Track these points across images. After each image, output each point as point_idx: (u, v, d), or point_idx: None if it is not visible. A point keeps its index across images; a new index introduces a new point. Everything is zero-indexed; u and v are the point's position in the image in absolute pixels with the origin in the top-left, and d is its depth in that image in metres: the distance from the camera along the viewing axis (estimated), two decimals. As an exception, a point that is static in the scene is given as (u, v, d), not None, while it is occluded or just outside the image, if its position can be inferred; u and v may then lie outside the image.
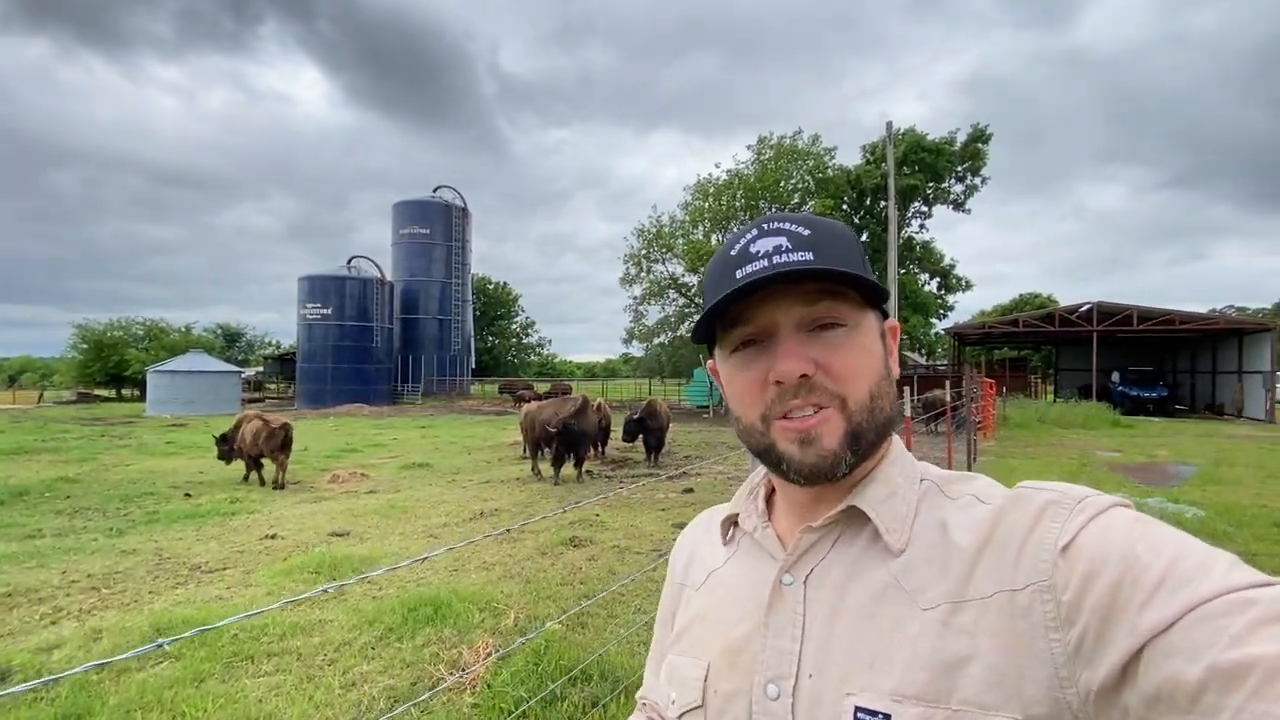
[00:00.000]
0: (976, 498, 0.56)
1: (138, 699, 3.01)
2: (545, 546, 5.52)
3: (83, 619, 4.15)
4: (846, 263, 0.56)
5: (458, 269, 39.91)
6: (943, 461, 7.66)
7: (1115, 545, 0.45)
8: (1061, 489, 0.52)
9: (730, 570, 0.66)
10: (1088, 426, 17.49)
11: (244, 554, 5.67)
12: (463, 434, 17.47)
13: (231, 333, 57.98)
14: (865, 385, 0.56)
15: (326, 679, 3.20)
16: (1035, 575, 0.47)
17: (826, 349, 0.56)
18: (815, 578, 0.57)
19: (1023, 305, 49.58)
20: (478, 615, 3.92)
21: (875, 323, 0.60)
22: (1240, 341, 23.02)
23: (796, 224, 0.58)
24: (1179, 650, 0.38)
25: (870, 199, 27.70)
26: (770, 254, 0.56)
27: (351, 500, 8.14)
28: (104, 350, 42.37)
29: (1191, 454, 11.97)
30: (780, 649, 0.56)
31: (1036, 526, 0.49)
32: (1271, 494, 7.78)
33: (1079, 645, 0.43)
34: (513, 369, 55.77)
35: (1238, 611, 0.38)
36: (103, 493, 8.84)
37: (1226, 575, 0.40)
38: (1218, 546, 0.41)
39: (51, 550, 5.88)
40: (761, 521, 0.65)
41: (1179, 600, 0.40)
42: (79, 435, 17.41)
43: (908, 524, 0.55)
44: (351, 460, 12.15)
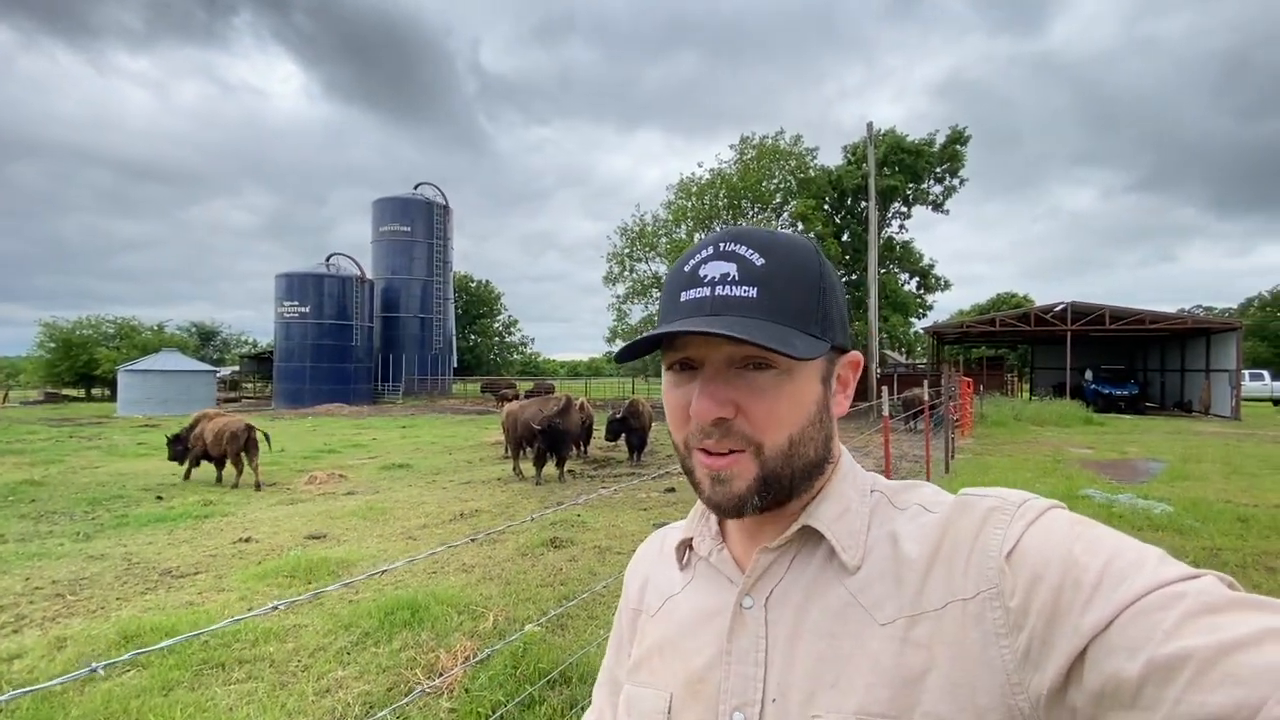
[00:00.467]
0: (923, 507, 0.56)
1: (102, 709, 2.93)
2: (526, 548, 5.49)
3: (46, 627, 4.03)
4: (794, 305, 0.54)
5: (439, 267, 39.53)
6: (921, 460, 7.76)
7: (1055, 549, 0.45)
8: (1001, 494, 0.53)
9: (687, 596, 0.65)
10: (1062, 424, 17.84)
11: (216, 558, 5.55)
12: (444, 434, 17.31)
13: (206, 331, 56.80)
14: (785, 433, 0.55)
15: (300, 686, 3.14)
16: (983, 583, 0.48)
17: (750, 393, 0.54)
18: (775, 599, 0.57)
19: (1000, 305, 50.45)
20: (456, 618, 3.88)
21: (818, 366, 0.57)
22: (1208, 340, 23.66)
23: (754, 250, 0.56)
24: (1118, 648, 0.39)
25: (851, 199, 27.96)
26: (715, 282, 0.55)
27: (329, 502, 8.01)
28: (73, 349, 41.26)
29: (1161, 451, 12.26)
30: (744, 675, 0.55)
31: (981, 534, 0.50)
32: (1236, 489, 8.00)
33: (1027, 650, 0.44)
34: (495, 368, 55.41)
35: (1169, 606, 0.39)
36: (70, 496, 8.61)
37: (1156, 570, 0.41)
38: (1185, 541, 0.42)
39: (15, 556, 5.70)
40: (716, 544, 0.64)
41: (1116, 599, 0.41)
42: (46, 436, 16.94)
43: (861, 540, 0.55)
44: (329, 461, 11.97)
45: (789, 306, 0.54)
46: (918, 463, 10.11)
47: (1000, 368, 32.84)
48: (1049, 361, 30.37)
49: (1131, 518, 6.26)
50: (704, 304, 0.54)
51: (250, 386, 43.12)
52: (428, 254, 39.05)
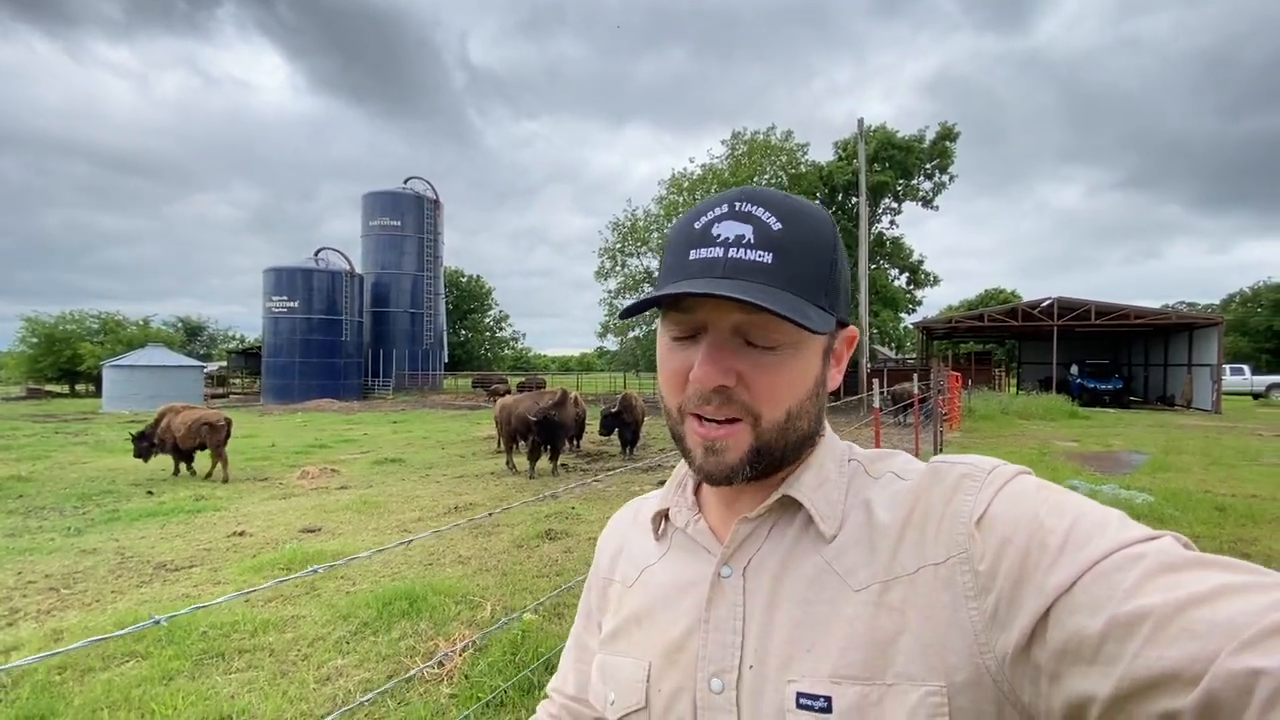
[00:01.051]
0: (896, 475, 0.57)
1: (104, 698, 2.96)
2: (521, 539, 5.54)
3: (42, 620, 4.04)
4: (808, 274, 0.54)
5: (429, 261, 39.33)
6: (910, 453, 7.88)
7: (1023, 513, 0.47)
8: (972, 461, 0.54)
9: (664, 567, 0.65)
10: (1048, 418, 18.10)
11: (211, 552, 5.56)
12: (436, 429, 17.29)
13: (193, 326, 56.22)
14: (785, 405, 0.55)
15: (300, 674, 3.18)
16: (954, 548, 0.49)
17: (754, 364, 0.54)
18: (753, 568, 0.57)
19: (988, 300, 50.94)
20: (454, 608, 3.93)
21: (822, 340, 0.57)
22: (1190, 336, 24.04)
23: (771, 213, 0.54)
24: (1081, 606, 0.41)
25: (842, 195, 28.10)
26: (729, 244, 0.53)
27: (322, 496, 8.01)
28: (55, 344, 40.64)
29: (1144, 443, 12.49)
30: (722, 642, 0.56)
31: (952, 499, 0.51)
32: (1215, 480, 8.20)
33: (994, 611, 0.45)
34: (486, 363, 55.25)
35: (1129, 566, 0.40)
36: (59, 491, 8.55)
37: (1118, 532, 0.43)
38: (1164, 529, 0.44)
39: (5, 551, 5.67)
40: (693, 515, 0.64)
41: (1080, 560, 0.42)
42: (30, 433, 16.75)
43: (839, 509, 0.56)
44: (321, 456, 11.93)
45: (803, 276, 0.53)
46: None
47: (988, 362, 33.22)
48: (1036, 356, 30.75)
49: (1114, 507, 6.40)
50: (715, 264, 0.53)
51: (238, 382, 42.72)
52: (418, 249, 38.84)
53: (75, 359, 39.97)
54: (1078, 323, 24.65)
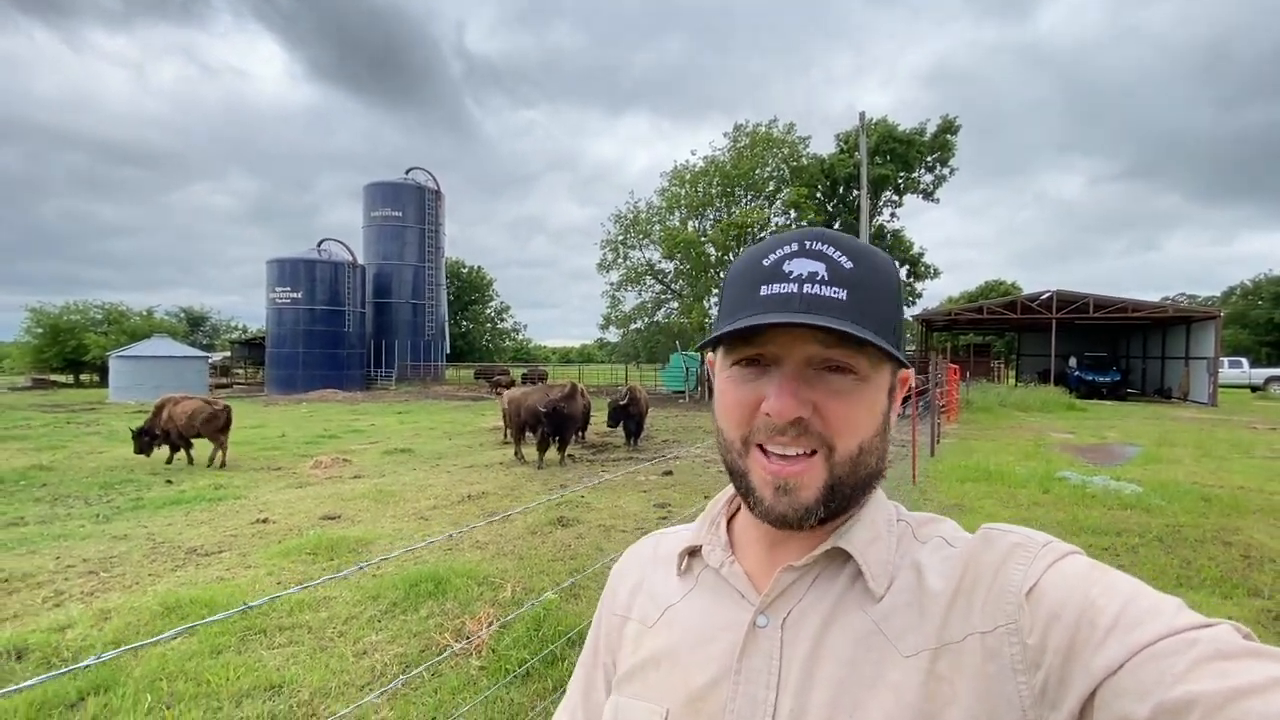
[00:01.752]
0: (945, 540, 0.57)
1: (160, 670, 3.20)
2: (535, 526, 5.78)
3: (88, 601, 4.28)
4: (881, 314, 0.54)
5: (431, 252, 39.46)
6: (907, 444, 8.11)
7: (1074, 590, 0.46)
8: (1025, 533, 0.53)
9: (690, 607, 0.62)
10: (1045, 410, 18.34)
11: (238, 538, 5.81)
12: (441, 420, 17.54)
13: (195, 317, 56.39)
14: (857, 440, 0.55)
15: (339, 649, 3.43)
16: (1002, 618, 0.48)
17: (829, 395, 0.54)
18: (793, 620, 0.55)
19: (988, 292, 51.04)
20: (476, 589, 4.18)
21: (889, 376, 0.57)
22: (1188, 329, 24.26)
23: (842, 252, 0.55)
24: (1128, 690, 0.40)
25: (843, 188, 28.21)
26: (804, 280, 0.54)
27: (337, 485, 8.26)
28: (60, 334, 40.88)
29: (1138, 435, 12.73)
30: (753, 696, 0.54)
31: (1002, 569, 0.51)
32: (1205, 471, 8.44)
33: (1044, 688, 0.44)
34: (488, 354, 55.47)
35: (1182, 651, 0.39)
36: (81, 480, 8.80)
37: (1173, 618, 0.42)
38: (1150, 519, 0.55)
39: (40, 537, 5.92)
40: (727, 555, 0.62)
41: (1129, 642, 0.41)
42: (43, 423, 17.00)
43: (889, 568, 0.55)
44: (331, 446, 12.18)
45: (876, 313, 0.54)
46: (904, 447, 10.48)
47: (987, 355, 33.43)
48: (1034, 349, 30.96)
49: (1104, 498, 6.65)
50: (791, 300, 0.53)
51: (242, 372, 42.98)
52: (420, 239, 38.97)
53: (80, 349, 40.23)
54: (1076, 315, 24.84)
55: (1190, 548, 5.07)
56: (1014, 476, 7.71)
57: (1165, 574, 4.54)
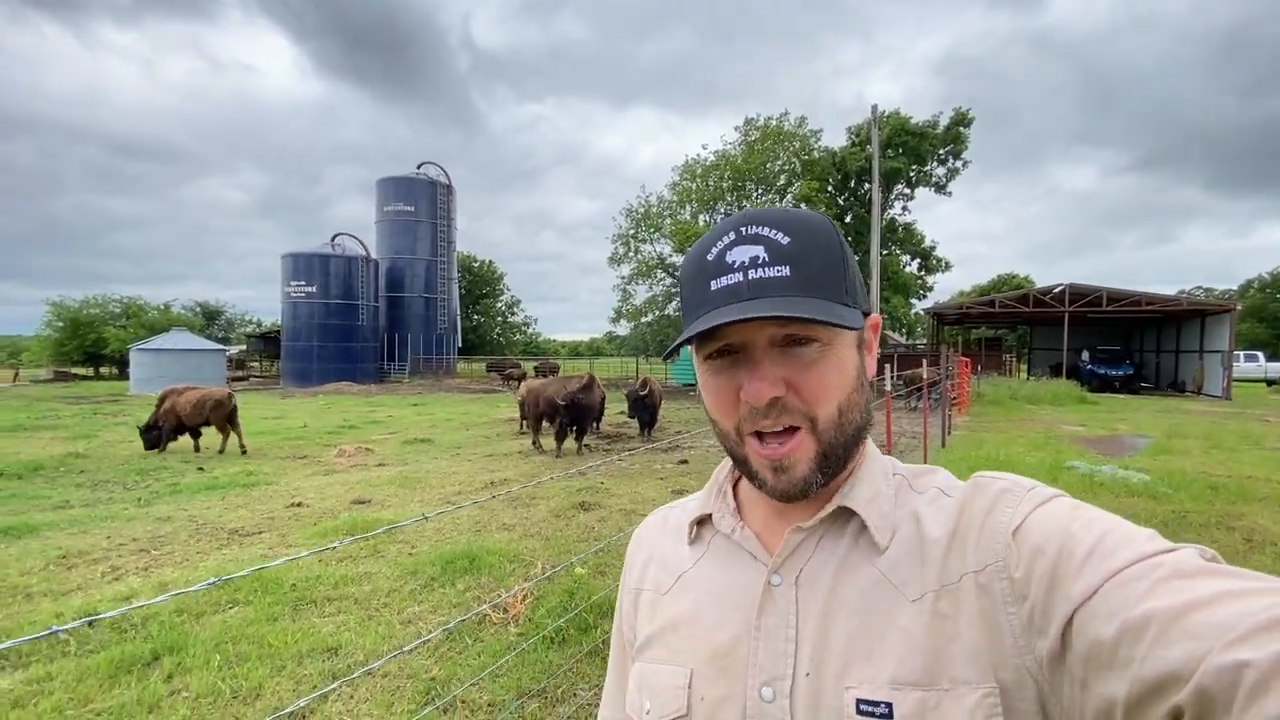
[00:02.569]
0: (941, 490, 0.60)
1: (222, 634, 3.46)
2: (558, 510, 6.02)
3: (144, 575, 4.57)
4: (825, 277, 0.56)
5: (443, 247, 39.80)
6: (919, 436, 8.28)
7: (1056, 526, 0.49)
8: (1013, 479, 0.57)
9: (703, 572, 0.65)
10: (1056, 403, 18.38)
11: (274, 520, 6.09)
12: (456, 411, 17.84)
13: (210, 310, 57.15)
14: (835, 403, 0.57)
15: (385, 617, 3.68)
16: (991, 557, 0.51)
17: (798, 367, 0.56)
18: (805, 578, 0.58)
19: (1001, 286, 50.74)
20: (508, 566, 4.42)
21: (853, 333, 0.59)
22: (1202, 322, 24.12)
23: (776, 229, 0.57)
24: (1099, 613, 0.42)
25: (855, 181, 28.17)
26: (746, 266, 0.56)
27: (363, 473, 8.55)
28: (80, 328, 41.69)
29: (1149, 428, 12.80)
30: (774, 650, 0.56)
31: (992, 512, 0.54)
32: (1214, 462, 8.54)
33: (1030, 618, 0.48)
34: (498, 348, 55.87)
35: (1146, 575, 0.42)
36: (116, 467, 9.15)
37: (1143, 545, 0.45)
38: (1157, 505, 0.62)
39: (88, 518, 6.23)
40: (736, 521, 0.65)
41: (1102, 569, 0.44)
42: (71, 414, 17.46)
43: (891, 521, 0.59)
44: (353, 436, 12.49)
45: (822, 280, 0.56)
46: (915, 439, 10.64)
47: (999, 348, 33.35)
48: (1047, 342, 30.86)
49: (1112, 486, 6.80)
50: (739, 289, 0.55)
51: (257, 365, 43.61)
52: (431, 234, 39.31)
53: (100, 342, 41.00)
54: (1089, 309, 24.77)
55: (1195, 532, 5.23)
56: (1023, 466, 7.87)
57: (1168, 556, 4.70)
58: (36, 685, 3.01)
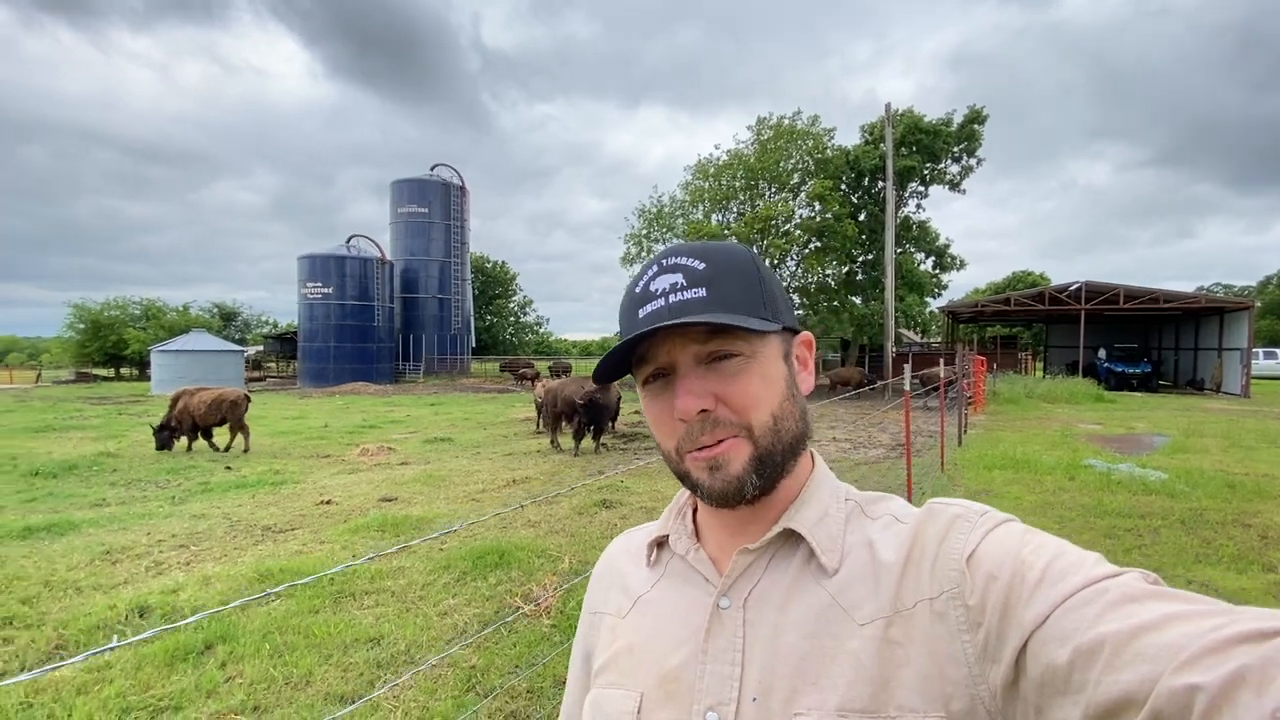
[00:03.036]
0: (895, 518, 0.60)
1: (268, 625, 3.63)
2: (581, 507, 6.16)
3: (187, 569, 4.75)
4: (740, 295, 0.59)
5: (457, 248, 40.16)
6: (935, 435, 8.33)
7: (1008, 551, 0.50)
8: (965, 505, 0.57)
9: (659, 595, 0.66)
10: (1073, 401, 18.28)
11: (306, 517, 6.27)
12: (473, 411, 18.06)
13: (228, 312, 57.97)
14: (767, 410, 0.59)
15: (422, 609, 3.83)
16: (947, 584, 0.52)
17: (724, 380, 0.58)
18: (754, 600, 0.59)
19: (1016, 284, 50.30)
20: (536, 561, 4.56)
21: (777, 346, 0.62)
22: (1221, 319, 23.84)
23: (693, 257, 0.60)
24: (1052, 638, 0.43)
25: (868, 179, 28.08)
26: (667, 292, 0.59)
27: (387, 471, 8.74)
28: (101, 330, 42.49)
29: (1167, 426, 12.73)
30: (720, 674, 0.57)
31: (945, 539, 0.54)
32: (1232, 460, 8.52)
33: (985, 645, 0.48)
34: (511, 347, 56.25)
35: (1095, 599, 0.43)
36: (147, 466, 9.41)
37: (1091, 569, 0.46)
38: (1174, 503, 0.65)
39: (126, 516, 6.45)
40: (692, 543, 0.66)
41: (1053, 595, 0.45)
42: (96, 414, 17.86)
43: (839, 544, 0.59)
44: (374, 435, 12.72)
45: (736, 298, 0.59)
46: (932, 437, 10.67)
47: (1014, 346, 33.12)
48: (1063, 340, 30.62)
49: (1129, 484, 6.83)
50: (661, 313, 0.58)
51: (274, 366, 44.23)
52: (445, 235, 39.69)
53: (120, 344, 41.76)
54: (1106, 306, 24.57)
55: (1211, 529, 5.27)
56: (1040, 464, 7.89)
57: (1185, 553, 4.75)
58: (98, 673, 3.18)
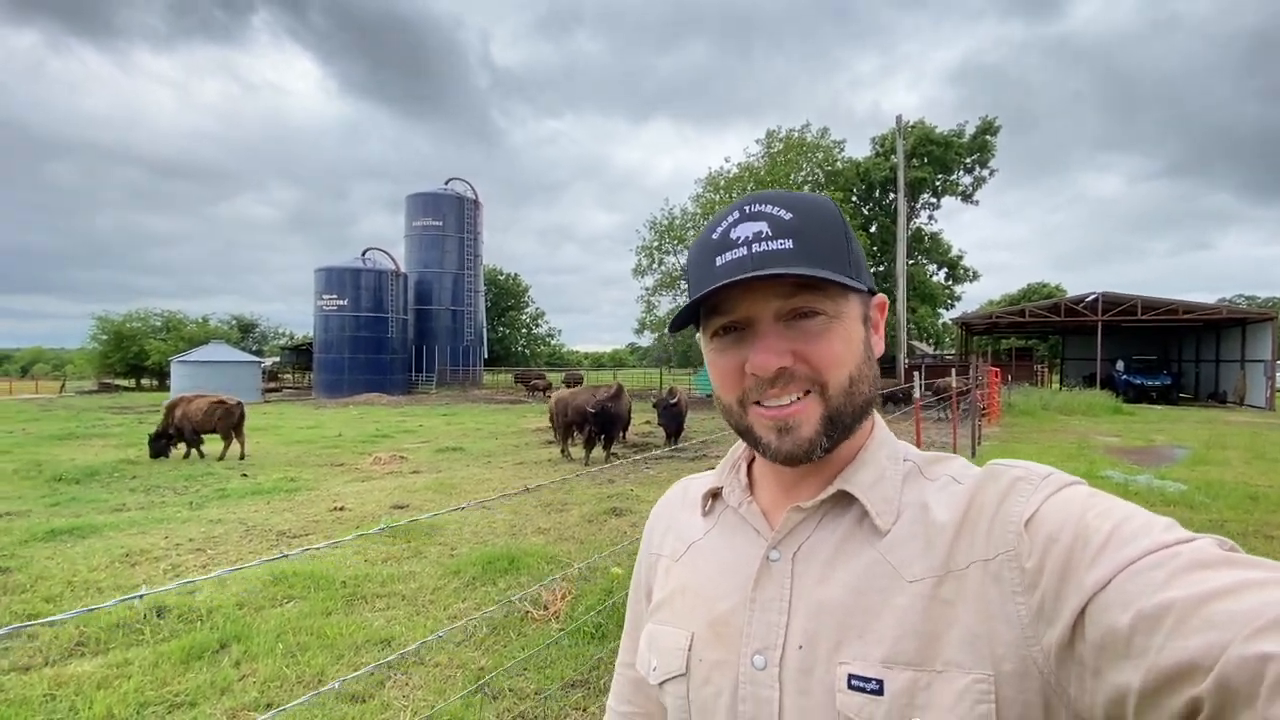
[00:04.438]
0: (953, 478, 0.59)
1: (282, 625, 3.67)
2: (590, 515, 6.18)
3: (204, 571, 4.83)
4: (828, 250, 0.57)
5: (470, 260, 40.58)
6: (948, 446, 8.26)
7: (1071, 515, 0.48)
8: (1028, 466, 0.55)
9: (711, 543, 0.67)
10: (1090, 413, 18.00)
11: (319, 523, 6.34)
12: (485, 421, 18.15)
13: (246, 324, 58.89)
14: (845, 371, 0.58)
15: (433, 612, 3.86)
16: (1003, 546, 0.51)
17: (805, 338, 0.57)
18: (803, 554, 0.59)
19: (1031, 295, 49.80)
20: (546, 567, 4.58)
21: (858, 306, 0.60)
22: (1243, 331, 23.44)
23: (779, 206, 0.58)
24: (1114, 603, 0.42)
25: (879, 191, 28.09)
26: (750, 241, 0.57)
27: (400, 479, 8.81)
28: (124, 341, 43.35)
29: (1187, 439, 12.50)
30: (768, 622, 0.58)
31: (1004, 501, 0.53)
32: (1255, 473, 8.35)
33: (1040, 607, 0.47)
34: (523, 359, 56.56)
35: (1164, 564, 0.41)
36: (165, 473, 9.57)
37: (1161, 534, 0.44)
38: (1194, 515, 0.63)
39: (145, 520, 6.56)
40: (745, 496, 0.67)
41: (1118, 559, 0.43)
42: (118, 423, 18.18)
43: (894, 505, 0.58)
44: (387, 445, 12.82)
45: (824, 253, 0.57)
46: (944, 448, 10.57)
47: (1029, 358, 32.73)
48: (1079, 352, 30.23)
49: (1147, 495, 6.72)
50: (744, 263, 0.56)
51: (290, 377, 44.78)
52: (459, 248, 40.14)
53: (142, 355, 42.56)
54: (1123, 318, 24.26)
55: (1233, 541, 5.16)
56: (1056, 476, 7.76)
57: (1205, 564, 4.66)
58: (117, 669, 3.24)
